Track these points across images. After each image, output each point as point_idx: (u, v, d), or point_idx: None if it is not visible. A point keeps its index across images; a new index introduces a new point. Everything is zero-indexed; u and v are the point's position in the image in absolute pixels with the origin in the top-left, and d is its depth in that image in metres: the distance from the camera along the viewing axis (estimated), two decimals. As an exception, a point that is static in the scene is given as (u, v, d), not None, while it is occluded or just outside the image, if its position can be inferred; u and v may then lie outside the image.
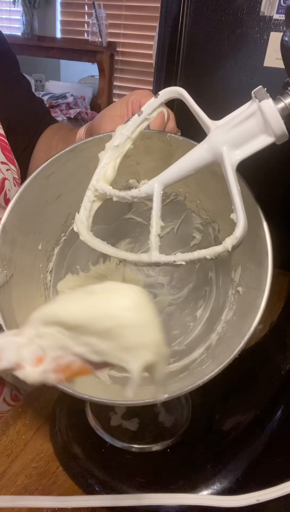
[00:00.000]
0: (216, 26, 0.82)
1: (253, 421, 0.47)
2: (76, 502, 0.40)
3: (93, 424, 0.48)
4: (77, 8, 2.89)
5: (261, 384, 0.54)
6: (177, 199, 0.53)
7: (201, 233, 0.55)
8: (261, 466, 0.44)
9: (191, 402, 0.52)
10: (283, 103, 0.35)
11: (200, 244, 0.55)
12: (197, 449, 0.47)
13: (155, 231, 0.39)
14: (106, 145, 0.43)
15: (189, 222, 0.56)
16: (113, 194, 0.42)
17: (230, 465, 0.44)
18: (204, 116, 0.38)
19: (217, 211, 0.50)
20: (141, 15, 2.61)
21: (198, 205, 0.52)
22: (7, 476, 0.45)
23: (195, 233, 0.56)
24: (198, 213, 0.53)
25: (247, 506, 0.39)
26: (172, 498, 0.41)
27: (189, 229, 0.56)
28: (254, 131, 0.36)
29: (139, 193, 0.40)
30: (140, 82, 2.76)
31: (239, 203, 0.35)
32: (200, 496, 0.42)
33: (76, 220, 0.43)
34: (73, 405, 0.52)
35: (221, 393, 0.55)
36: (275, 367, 0.54)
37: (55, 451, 0.48)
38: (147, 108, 0.40)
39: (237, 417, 0.50)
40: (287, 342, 0.56)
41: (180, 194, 0.53)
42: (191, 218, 0.55)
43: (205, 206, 0.51)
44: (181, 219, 0.56)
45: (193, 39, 0.85)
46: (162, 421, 0.50)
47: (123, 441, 0.46)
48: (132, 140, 0.42)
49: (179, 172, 0.39)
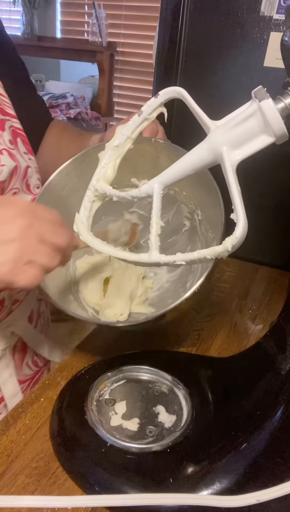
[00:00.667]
0: (216, 26, 0.82)
1: (253, 421, 0.47)
2: (76, 502, 0.40)
3: (93, 424, 0.48)
4: (77, 8, 2.89)
5: (261, 384, 0.54)
6: (169, 193, 0.62)
7: (189, 220, 0.64)
8: (261, 466, 0.44)
9: (191, 402, 0.52)
10: (283, 103, 0.35)
11: (190, 230, 0.65)
12: (197, 449, 0.47)
13: (155, 231, 0.39)
14: (106, 145, 0.43)
15: (179, 212, 0.65)
16: (113, 194, 0.42)
17: (230, 465, 0.44)
18: (204, 116, 0.38)
19: (198, 200, 0.60)
20: (141, 15, 2.61)
21: (185, 197, 0.62)
22: (7, 476, 0.45)
23: (185, 221, 0.65)
24: (185, 203, 0.63)
25: (247, 506, 0.39)
26: (172, 498, 0.41)
27: (180, 218, 0.65)
28: (254, 131, 0.36)
29: (139, 193, 0.41)
30: (140, 82, 2.76)
31: (239, 203, 0.35)
32: (200, 496, 0.42)
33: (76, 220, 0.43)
34: (73, 405, 0.52)
35: (221, 393, 0.55)
36: (275, 367, 0.54)
37: (55, 451, 0.48)
38: (147, 108, 0.40)
39: (237, 417, 0.50)
40: (287, 342, 0.56)
41: (171, 189, 0.62)
42: (181, 208, 0.64)
43: (189, 197, 0.61)
44: (173, 210, 0.65)
45: (193, 39, 0.85)
46: (162, 421, 0.50)
47: (123, 441, 0.46)
48: (132, 140, 0.42)
49: (179, 172, 0.39)
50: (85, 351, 0.64)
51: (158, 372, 0.56)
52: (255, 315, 0.77)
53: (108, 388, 0.54)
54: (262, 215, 0.85)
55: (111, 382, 0.55)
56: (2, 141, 0.54)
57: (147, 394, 0.53)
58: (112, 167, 0.43)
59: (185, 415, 0.50)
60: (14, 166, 0.54)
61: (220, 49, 0.83)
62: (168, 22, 0.86)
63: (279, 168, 0.80)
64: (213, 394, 0.54)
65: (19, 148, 0.58)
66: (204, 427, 0.49)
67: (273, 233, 0.90)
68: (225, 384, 0.57)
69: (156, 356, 0.61)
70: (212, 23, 0.82)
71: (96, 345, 0.65)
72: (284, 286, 0.86)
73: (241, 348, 0.66)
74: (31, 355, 0.68)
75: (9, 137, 0.56)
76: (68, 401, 0.52)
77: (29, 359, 0.67)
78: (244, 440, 0.46)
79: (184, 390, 0.53)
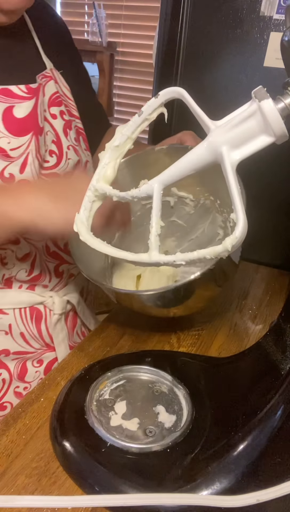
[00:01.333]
0: (216, 26, 0.82)
1: (253, 421, 0.47)
2: (76, 502, 0.40)
3: (93, 424, 0.48)
4: (77, 8, 2.89)
5: (261, 384, 0.54)
6: (205, 203, 0.64)
7: (223, 229, 0.66)
8: (261, 466, 0.44)
9: (191, 402, 0.52)
10: (283, 103, 0.35)
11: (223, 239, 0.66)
12: (197, 449, 0.47)
13: (155, 231, 0.39)
14: (106, 145, 0.43)
15: (214, 222, 0.67)
16: (113, 194, 0.42)
17: (230, 465, 0.44)
18: (204, 116, 0.38)
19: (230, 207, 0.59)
20: (141, 15, 2.61)
21: (219, 205, 0.63)
22: (7, 476, 0.45)
23: (219, 230, 0.66)
24: (220, 212, 0.64)
25: (247, 506, 0.39)
26: (172, 498, 0.41)
27: (214, 227, 0.67)
28: (254, 131, 0.36)
29: (139, 193, 0.41)
30: (140, 82, 2.76)
31: (239, 203, 0.35)
32: (200, 496, 0.42)
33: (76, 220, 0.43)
34: (73, 405, 0.52)
35: (221, 393, 0.55)
36: (275, 367, 0.54)
37: (55, 451, 0.48)
38: (148, 109, 0.40)
39: (237, 417, 0.50)
40: (287, 342, 0.56)
41: (207, 198, 0.64)
42: (216, 218, 0.66)
43: (223, 204, 0.62)
44: (209, 220, 0.67)
45: (193, 39, 0.85)
46: (162, 421, 0.50)
47: (123, 441, 0.46)
48: (133, 140, 0.42)
49: (179, 172, 0.39)
50: (85, 351, 0.64)
51: (158, 372, 0.56)
52: (255, 315, 0.77)
53: (108, 388, 0.54)
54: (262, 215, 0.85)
55: (111, 382, 0.55)
56: (69, 138, 0.64)
57: (147, 394, 0.53)
58: (112, 167, 0.43)
59: (185, 415, 0.50)
60: (78, 160, 0.66)
61: (220, 49, 0.83)
62: (168, 22, 0.86)
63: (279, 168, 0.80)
64: (213, 394, 0.54)
65: (81, 145, 0.68)
66: (204, 427, 0.49)
67: (273, 233, 0.90)
68: (225, 384, 0.57)
69: (156, 356, 0.61)
70: (212, 23, 0.82)
71: (96, 345, 0.65)
72: (284, 286, 0.86)
73: (241, 348, 0.66)
74: (80, 325, 0.78)
75: (74, 135, 0.66)
76: (68, 401, 0.52)
77: (79, 328, 0.77)
78: (244, 440, 0.46)
79: (184, 390, 0.53)
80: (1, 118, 0.55)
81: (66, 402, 0.52)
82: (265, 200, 0.88)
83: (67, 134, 0.64)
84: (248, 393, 0.53)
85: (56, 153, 0.62)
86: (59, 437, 0.48)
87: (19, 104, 0.56)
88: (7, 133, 0.56)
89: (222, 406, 0.53)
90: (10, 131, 0.56)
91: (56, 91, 0.63)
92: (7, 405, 0.68)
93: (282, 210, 0.89)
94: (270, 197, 0.88)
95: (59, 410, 0.51)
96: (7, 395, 0.67)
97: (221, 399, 0.54)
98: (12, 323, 0.66)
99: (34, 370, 0.69)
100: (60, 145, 0.63)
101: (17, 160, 0.57)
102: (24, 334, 0.67)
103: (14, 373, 0.67)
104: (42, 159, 0.60)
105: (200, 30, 0.83)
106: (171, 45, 0.87)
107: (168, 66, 0.88)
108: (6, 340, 0.66)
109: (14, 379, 0.68)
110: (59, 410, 0.51)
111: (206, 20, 0.82)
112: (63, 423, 0.50)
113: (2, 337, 0.66)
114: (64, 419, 0.50)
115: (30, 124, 0.57)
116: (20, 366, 0.68)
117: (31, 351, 0.69)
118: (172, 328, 0.70)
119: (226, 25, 0.81)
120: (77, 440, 0.47)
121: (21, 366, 0.68)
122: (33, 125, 0.58)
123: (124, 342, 0.66)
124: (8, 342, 0.66)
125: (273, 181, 0.85)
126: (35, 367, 0.69)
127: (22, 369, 0.68)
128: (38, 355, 0.70)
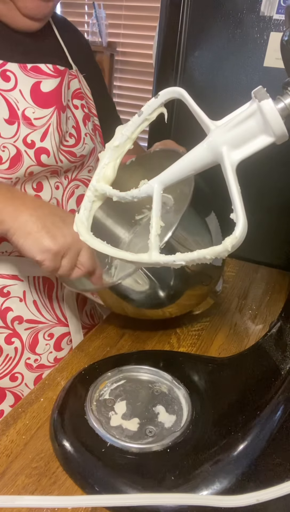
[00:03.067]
0: (216, 26, 0.82)
1: (253, 421, 0.47)
2: (76, 502, 0.40)
3: (93, 424, 0.48)
4: (77, 8, 2.89)
5: (261, 384, 0.54)
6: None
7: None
8: (261, 466, 0.44)
9: (191, 402, 0.52)
10: (283, 103, 0.35)
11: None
12: (197, 449, 0.47)
13: (155, 231, 0.39)
14: (106, 145, 0.43)
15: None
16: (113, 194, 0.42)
17: (230, 465, 0.44)
18: (204, 116, 0.38)
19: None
20: (141, 15, 2.61)
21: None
22: (7, 476, 0.45)
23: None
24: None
25: (247, 506, 0.39)
26: (172, 498, 0.41)
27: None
28: (254, 131, 0.36)
29: (139, 193, 0.40)
30: (140, 82, 2.76)
31: (239, 203, 0.35)
32: (200, 496, 0.42)
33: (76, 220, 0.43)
34: (73, 405, 0.52)
35: (221, 393, 0.55)
36: (275, 367, 0.54)
37: (55, 451, 0.48)
38: (148, 109, 0.40)
39: (237, 417, 0.50)
40: (287, 342, 0.56)
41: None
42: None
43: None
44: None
45: (193, 40, 0.85)
46: (162, 421, 0.50)
47: (123, 441, 0.46)
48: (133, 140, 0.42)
49: (179, 172, 0.39)
50: (85, 351, 0.64)
51: (158, 372, 0.56)
52: (255, 315, 0.77)
53: (108, 388, 0.54)
54: (262, 215, 0.85)
55: (111, 382, 0.55)
56: (87, 128, 0.71)
57: (147, 394, 0.53)
58: (112, 167, 0.43)
59: (185, 415, 0.50)
60: (93, 147, 0.72)
61: (220, 49, 0.83)
62: (168, 22, 0.86)
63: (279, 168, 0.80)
64: (213, 394, 0.54)
65: (96, 137, 0.75)
66: (204, 427, 0.49)
67: (273, 233, 0.90)
68: (225, 384, 0.57)
69: (156, 356, 0.61)
70: (212, 23, 0.82)
71: (96, 345, 0.65)
72: (284, 286, 0.86)
73: (241, 348, 0.66)
74: (90, 307, 0.82)
75: (92, 127, 0.73)
76: (68, 401, 0.52)
77: (88, 309, 0.82)
78: (244, 440, 0.46)
79: (184, 390, 0.53)
80: (30, 90, 0.62)
81: (66, 402, 0.52)
82: (265, 200, 0.88)
83: (86, 124, 0.71)
84: (248, 393, 0.53)
85: (75, 136, 0.69)
86: (59, 437, 0.48)
87: (46, 80, 0.63)
88: (33, 104, 0.62)
89: (222, 406, 0.53)
90: (36, 102, 0.62)
91: (79, 87, 0.71)
92: (18, 376, 0.70)
93: (282, 210, 0.89)
94: (270, 197, 0.88)
95: (59, 410, 0.51)
96: (18, 365, 0.69)
97: (221, 399, 0.54)
98: (26, 290, 0.69)
99: (45, 343, 0.72)
100: (79, 131, 0.70)
101: (39, 129, 0.63)
102: (36, 302, 0.70)
103: (26, 343, 0.70)
104: (62, 135, 0.66)
105: (200, 30, 0.83)
106: (171, 45, 0.87)
107: (168, 66, 0.89)
108: (20, 307, 0.69)
109: (26, 349, 0.70)
110: (59, 410, 0.51)
111: (206, 20, 0.82)
112: (63, 423, 0.50)
113: (16, 304, 0.68)
114: (64, 419, 0.50)
115: (54, 99, 0.64)
116: (32, 337, 0.71)
117: (43, 321, 0.71)
118: (172, 328, 0.70)
119: (226, 25, 0.81)
120: (77, 440, 0.47)
121: (33, 337, 0.71)
122: (57, 100, 0.64)
123: (124, 342, 0.66)
124: (22, 308, 0.69)
125: (273, 181, 0.85)
126: (46, 340, 0.72)
127: (34, 340, 0.71)
128: (49, 327, 0.72)
